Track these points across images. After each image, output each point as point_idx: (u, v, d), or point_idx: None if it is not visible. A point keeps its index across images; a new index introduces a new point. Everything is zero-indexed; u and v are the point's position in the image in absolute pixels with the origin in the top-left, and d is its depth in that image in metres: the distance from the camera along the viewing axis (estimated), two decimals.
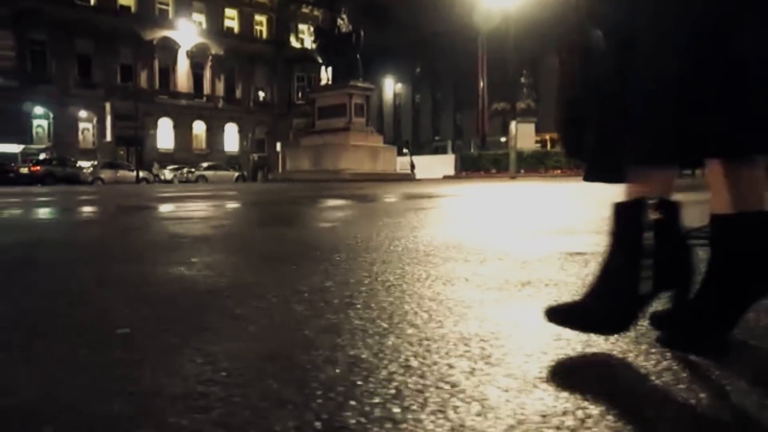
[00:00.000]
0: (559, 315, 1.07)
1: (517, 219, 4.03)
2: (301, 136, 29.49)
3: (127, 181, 28.57)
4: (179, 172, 31.97)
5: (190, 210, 6.01)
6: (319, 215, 5.03)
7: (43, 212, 6.27)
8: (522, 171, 23.75)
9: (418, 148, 49.22)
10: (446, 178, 27.83)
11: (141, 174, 29.41)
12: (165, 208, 6.24)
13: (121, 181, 28.42)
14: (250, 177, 34.51)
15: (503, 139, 42.12)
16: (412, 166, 31.46)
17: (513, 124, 23.23)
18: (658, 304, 1.04)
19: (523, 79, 30.28)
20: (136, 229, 3.82)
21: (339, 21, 23.34)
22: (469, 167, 29.53)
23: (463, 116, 54.76)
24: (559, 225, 3.33)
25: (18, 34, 34.46)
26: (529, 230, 3.08)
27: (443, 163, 34.03)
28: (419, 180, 22.36)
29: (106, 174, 28.95)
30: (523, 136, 27.09)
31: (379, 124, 39.72)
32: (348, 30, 23.19)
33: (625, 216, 1.00)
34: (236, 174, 33.10)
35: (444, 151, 49.58)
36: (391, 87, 56.57)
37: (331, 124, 22.98)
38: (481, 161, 28.83)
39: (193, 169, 32.06)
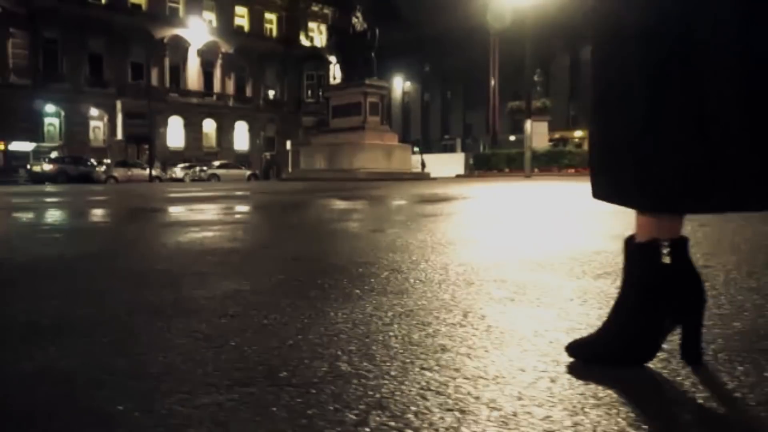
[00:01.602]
0: (583, 350, 1.09)
1: (587, 223, 3.89)
2: (313, 135, 29.42)
3: (140, 179, 28.56)
4: (191, 170, 31.94)
5: (234, 212, 5.94)
6: (365, 218, 4.94)
7: (86, 215, 6.20)
8: (535, 170, 23.60)
9: (426, 147, 49.20)
10: (459, 177, 27.70)
11: (154, 172, 29.40)
12: (204, 210, 6.15)
13: (134, 179, 28.40)
14: (262, 176, 34.49)
15: (512, 138, 42.10)
16: (423, 165, 31.36)
17: (528, 123, 23.05)
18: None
19: (536, 78, 30.16)
20: (200, 234, 3.73)
21: (354, 19, 23.20)
22: (481, 166, 29.39)
23: (472, 114, 54.64)
24: None
25: (31, 33, 34.51)
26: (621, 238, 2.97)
27: (453, 162, 33.93)
28: (434, 179, 22.22)
29: (119, 172, 28.94)
30: (537, 134, 26.96)
31: (388, 123, 39.61)
32: (363, 28, 23.04)
33: (639, 256, 1.03)
34: (248, 173, 33.05)
35: (453, 150, 49.53)
36: (399, 85, 56.46)
37: (346, 123, 22.87)
38: (494, 160, 28.69)
39: (205, 168, 32.03)
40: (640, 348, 1.04)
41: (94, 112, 37.38)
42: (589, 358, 1.08)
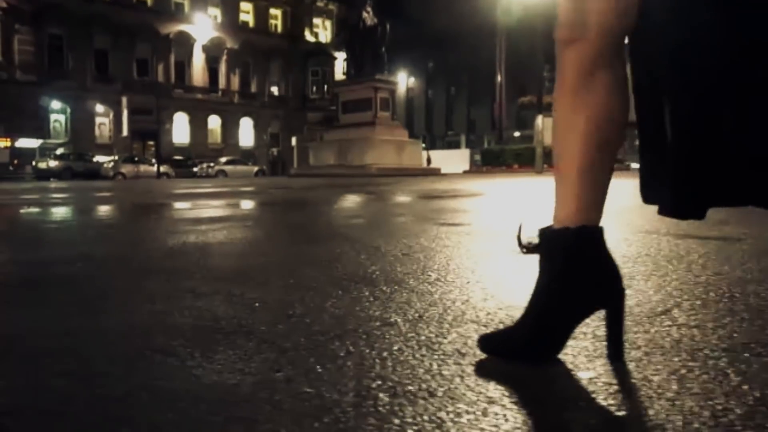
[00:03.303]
0: (490, 344, 1.04)
1: (622, 220, 3.80)
2: (318, 131, 29.35)
3: (148, 175, 28.50)
4: (198, 167, 31.87)
5: (277, 212, 5.88)
6: (413, 212, 4.88)
7: (109, 216, 6.15)
8: (545, 166, 23.50)
9: (430, 143, 49.11)
10: (466, 172, 27.61)
11: (162, 168, 29.32)
12: (242, 206, 6.09)
13: (142, 176, 28.35)
14: (269, 172, 34.45)
15: (517, 134, 41.92)
16: (429, 161, 31.29)
17: (539, 118, 22.95)
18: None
19: (545, 73, 30.09)
20: (264, 230, 3.67)
21: (364, 14, 23.10)
22: (489, 162, 29.29)
23: (476, 110, 54.55)
24: (724, 231, 3.17)
25: (37, 29, 34.39)
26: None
27: (458, 158, 33.88)
28: (445, 174, 22.16)
29: (127, 169, 28.88)
30: (548, 130, 26.79)
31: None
32: (373, 23, 22.95)
33: (553, 242, 0.98)
34: (255, 168, 33.01)
35: (457, 146, 49.50)
36: (403, 81, 56.21)
37: (356, 119, 22.80)
38: (502, 156, 28.58)
39: (212, 164, 31.97)
40: (546, 344, 1.00)
41: (99, 108, 37.27)
42: (496, 352, 1.04)
